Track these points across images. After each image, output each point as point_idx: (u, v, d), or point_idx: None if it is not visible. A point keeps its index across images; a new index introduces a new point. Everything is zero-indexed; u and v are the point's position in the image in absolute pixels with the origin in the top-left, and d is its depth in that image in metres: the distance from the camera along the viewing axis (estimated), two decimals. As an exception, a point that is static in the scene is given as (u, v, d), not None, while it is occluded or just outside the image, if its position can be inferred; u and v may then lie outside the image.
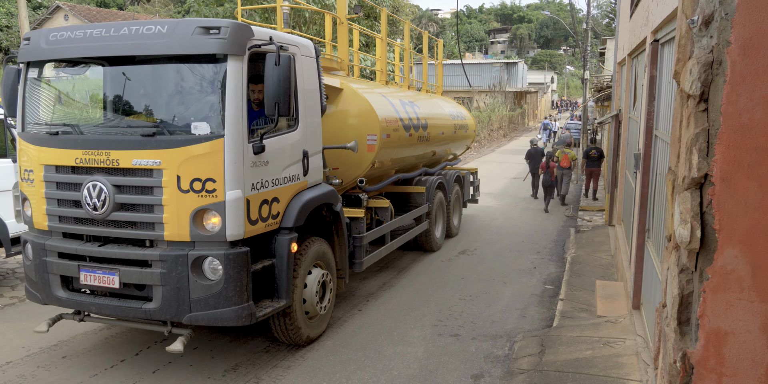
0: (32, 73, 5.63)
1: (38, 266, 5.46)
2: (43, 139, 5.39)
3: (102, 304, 5.29)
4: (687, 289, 2.36)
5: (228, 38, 4.89)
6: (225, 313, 5.00)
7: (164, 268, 4.95)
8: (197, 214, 4.94)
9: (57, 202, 5.37)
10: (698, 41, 2.28)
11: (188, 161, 4.89)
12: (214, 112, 4.99)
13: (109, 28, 5.18)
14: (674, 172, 2.55)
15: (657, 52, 5.77)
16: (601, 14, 54.93)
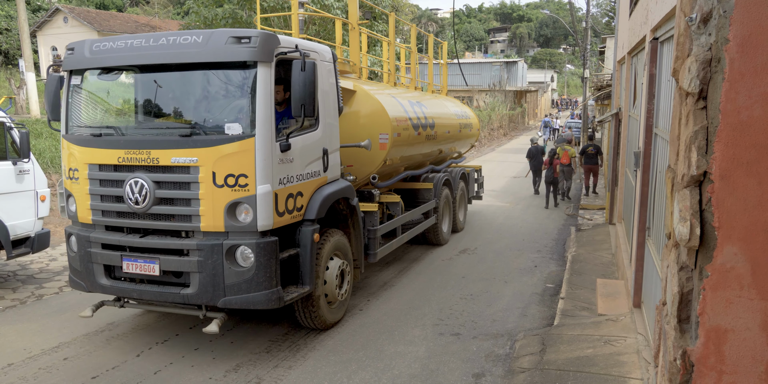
0: (75, 80, 6.10)
1: (83, 257, 5.93)
2: (87, 141, 5.86)
3: (143, 291, 5.74)
4: (687, 286, 2.36)
5: (258, 47, 5.38)
6: (256, 297, 5.47)
7: (201, 257, 5.41)
8: (231, 206, 5.41)
9: (100, 198, 5.83)
10: (697, 39, 2.28)
11: (222, 159, 5.36)
12: (245, 113, 5.45)
13: (148, 38, 5.70)
14: (673, 170, 2.54)
15: (656, 50, 5.76)
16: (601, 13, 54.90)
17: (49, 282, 8.62)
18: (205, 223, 5.44)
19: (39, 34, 38.08)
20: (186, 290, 5.54)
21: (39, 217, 8.22)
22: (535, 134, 31.65)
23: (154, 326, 6.87)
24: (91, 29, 36.02)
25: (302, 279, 6.01)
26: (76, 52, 5.98)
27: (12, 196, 7.78)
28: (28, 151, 7.92)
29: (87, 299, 7.87)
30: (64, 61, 6.10)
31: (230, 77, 5.63)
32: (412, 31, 11.91)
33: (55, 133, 15.36)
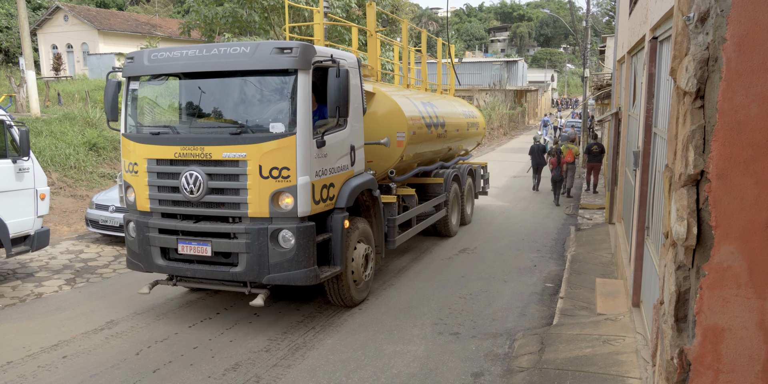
0: (134, 85, 6.93)
1: (141, 241, 6.69)
2: (146, 138, 6.65)
3: (196, 269, 6.49)
4: (684, 285, 2.36)
5: (298, 56, 6.15)
6: (296, 274, 6.21)
7: (249, 239, 6.18)
8: (275, 195, 6.17)
9: (158, 189, 6.59)
10: (694, 38, 2.28)
11: (268, 154, 6.12)
12: (287, 114, 6.22)
13: (201, 49, 6.47)
14: (671, 169, 2.55)
15: (656, 50, 5.76)
16: (601, 12, 54.88)
17: (49, 280, 8.63)
18: (252, 210, 6.21)
19: (39, 33, 38.05)
20: (235, 269, 6.30)
21: (39, 215, 8.22)
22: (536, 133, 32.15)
23: (153, 325, 6.88)
24: (92, 27, 35.99)
25: (334, 260, 6.77)
26: (135, 60, 6.77)
27: (12, 194, 7.79)
28: (28, 149, 7.92)
29: (86, 298, 7.88)
30: (124, 69, 6.88)
31: (274, 83, 6.43)
32: (423, 35, 12.65)
33: (55, 131, 15.37)
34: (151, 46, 30.68)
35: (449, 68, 14.29)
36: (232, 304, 7.57)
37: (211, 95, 6.74)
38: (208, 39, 18.74)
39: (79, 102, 20.62)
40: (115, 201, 10.58)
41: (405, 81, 11.12)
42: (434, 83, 13.23)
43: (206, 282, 6.76)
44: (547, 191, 17.52)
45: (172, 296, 7.92)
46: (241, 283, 6.53)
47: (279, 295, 7.92)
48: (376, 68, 9.57)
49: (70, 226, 11.92)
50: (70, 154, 14.59)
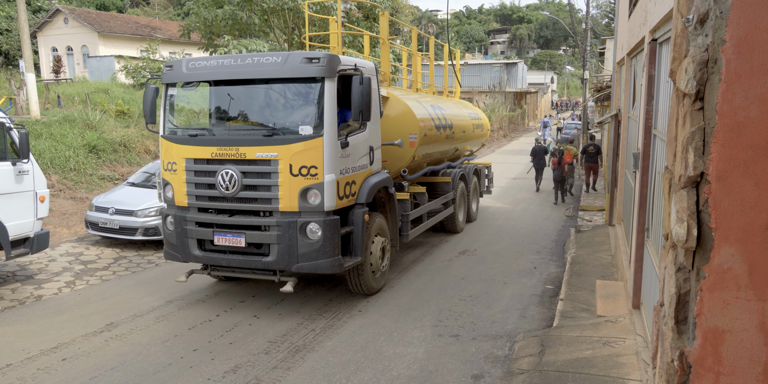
0: (172, 91, 7.51)
1: (179, 233, 7.27)
2: (184, 140, 7.24)
3: (231, 259, 7.06)
4: (684, 287, 2.36)
5: (325, 65, 6.74)
6: (323, 263, 6.81)
7: (280, 231, 6.77)
8: (303, 191, 6.77)
9: (195, 186, 7.16)
10: (693, 40, 2.28)
11: (297, 154, 6.72)
12: (315, 118, 6.82)
13: (236, 58, 7.11)
14: (671, 171, 2.54)
15: (655, 52, 5.76)
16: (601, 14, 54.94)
17: (48, 282, 8.62)
18: (283, 205, 6.81)
19: (39, 35, 38.05)
20: (266, 258, 6.89)
21: (38, 217, 8.22)
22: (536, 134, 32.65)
23: (152, 327, 6.87)
24: (92, 30, 35.99)
25: (355, 251, 7.33)
26: (174, 68, 7.34)
27: (11, 197, 7.78)
28: (28, 151, 7.92)
29: (86, 300, 7.87)
30: (163, 76, 7.45)
31: (303, 89, 7.04)
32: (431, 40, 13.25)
33: (54, 134, 15.38)
34: (151, 49, 30.70)
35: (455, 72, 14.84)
36: (232, 307, 7.56)
37: (244, 100, 7.37)
38: (207, 41, 18.74)
39: (79, 104, 20.63)
40: (115, 203, 10.58)
41: (414, 85, 11.76)
42: (440, 87, 13.68)
43: (238, 271, 7.34)
44: (549, 192, 17.55)
45: (172, 299, 7.91)
46: (271, 272, 7.12)
47: (277, 295, 7.92)
48: (387, 73, 10.06)
49: (70, 228, 11.92)
50: (69, 157, 14.59)
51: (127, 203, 10.54)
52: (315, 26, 19.37)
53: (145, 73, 27.58)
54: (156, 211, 10.40)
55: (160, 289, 8.32)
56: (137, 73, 27.65)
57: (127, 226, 10.33)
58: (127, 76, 28.20)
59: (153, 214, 10.38)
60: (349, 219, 7.31)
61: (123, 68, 28.33)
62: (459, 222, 12.00)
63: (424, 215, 10.10)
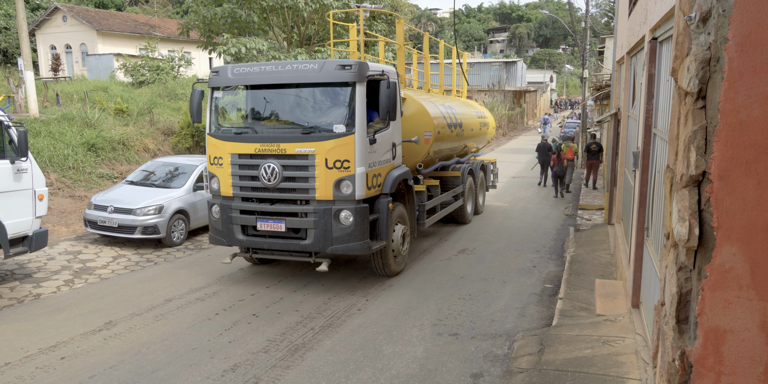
0: (217, 94, 8.36)
1: (224, 220, 8.12)
2: (230, 137, 8.09)
3: (272, 243, 7.95)
4: (685, 287, 2.35)
5: (356, 72, 7.61)
6: (354, 245, 7.67)
7: (316, 218, 7.63)
8: (337, 182, 7.60)
9: (239, 178, 8.01)
10: (696, 38, 2.27)
11: (332, 149, 7.56)
12: (347, 118, 7.66)
13: (277, 65, 7.99)
14: (672, 170, 2.53)
15: (655, 50, 5.75)
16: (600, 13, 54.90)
17: (47, 281, 8.60)
18: (319, 194, 7.64)
19: (38, 33, 37.93)
20: (304, 241, 7.75)
21: (37, 216, 8.19)
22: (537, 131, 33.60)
23: (151, 326, 6.86)
24: (90, 28, 35.90)
25: (380, 236, 8.17)
26: (220, 74, 8.21)
27: (10, 195, 7.76)
28: (26, 149, 7.89)
29: (84, 298, 7.86)
30: (209, 80, 8.32)
31: (336, 93, 7.85)
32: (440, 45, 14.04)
33: (53, 132, 15.35)
34: (150, 47, 30.63)
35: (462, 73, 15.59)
36: (231, 306, 7.56)
37: (284, 102, 8.21)
38: (206, 39, 18.69)
39: (78, 102, 20.59)
40: (113, 202, 10.56)
41: (426, 86, 12.64)
42: (449, 87, 14.49)
43: (277, 253, 8.21)
44: (549, 190, 17.66)
45: (170, 298, 7.90)
46: (307, 254, 7.99)
47: (276, 294, 7.91)
48: (403, 75, 10.71)
49: (69, 226, 11.90)
50: (68, 155, 14.56)
51: (125, 202, 10.52)
52: (314, 24, 19.34)
53: (143, 71, 27.53)
54: (155, 209, 10.39)
55: (159, 288, 8.30)
56: (136, 71, 27.59)
57: (125, 224, 10.32)
58: (126, 74, 28.13)
59: (152, 212, 10.36)
60: (375, 207, 8.15)
61: (122, 66, 28.26)
62: (468, 214, 12.82)
63: (438, 206, 10.98)
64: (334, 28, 18.90)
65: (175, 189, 11.10)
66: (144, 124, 19.22)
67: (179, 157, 13.15)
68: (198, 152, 18.53)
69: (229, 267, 9.38)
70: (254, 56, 16.57)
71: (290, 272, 9.10)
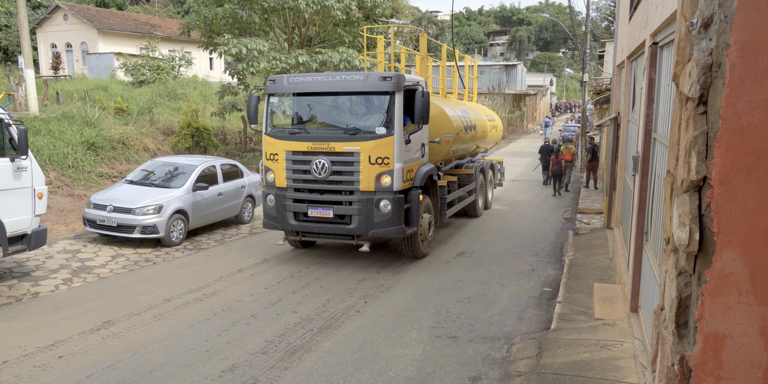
0: (273, 99, 9.69)
1: (279, 208, 9.34)
2: (285, 136, 9.32)
3: (321, 227, 9.18)
4: (685, 292, 2.35)
5: (395, 82, 8.86)
6: (391, 229, 8.96)
7: (360, 206, 8.93)
8: (378, 176, 8.87)
9: (292, 171, 9.24)
10: (697, 44, 2.28)
11: (374, 148, 8.84)
12: (387, 121, 8.92)
13: (327, 76, 9.28)
14: (673, 175, 2.54)
15: (656, 55, 5.77)
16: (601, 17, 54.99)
17: (46, 279, 8.60)
18: (362, 186, 8.92)
19: (39, 31, 37.90)
20: (349, 226, 9.02)
21: (36, 214, 8.19)
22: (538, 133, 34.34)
23: (150, 325, 6.85)
24: (91, 27, 35.88)
25: (412, 222, 9.35)
26: (276, 82, 9.42)
27: (9, 193, 7.75)
28: (26, 148, 7.89)
29: (83, 297, 7.85)
30: (266, 87, 9.57)
31: (378, 100, 9.08)
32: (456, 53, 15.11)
33: (53, 130, 15.36)
34: (150, 46, 30.63)
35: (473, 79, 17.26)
36: (229, 306, 7.56)
37: (332, 107, 9.41)
38: (207, 40, 18.69)
39: (78, 101, 20.58)
40: (113, 201, 10.56)
41: (442, 92, 13.91)
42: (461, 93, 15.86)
43: (324, 236, 9.44)
44: (548, 193, 17.69)
45: (169, 297, 7.90)
46: (350, 237, 9.21)
47: (275, 296, 7.91)
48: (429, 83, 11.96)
49: (68, 225, 11.89)
50: (68, 154, 14.56)
51: (125, 201, 10.52)
52: (315, 26, 19.36)
53: (144, 71, 27.53)
54: (154, 209, 10.39)
55: (158, 288, 8.30)
56: (136, 70, 27.59)
57: (125, 223, 10.31)
58: (126, 73, 28.14)
59: (151, 212, 10.36)
60: (408, 198, 9.31)
61: (122, 65, 28.26)
62: (479, 208, 14.11)
63: (456, 200, 12.10)
64: (335, 30, 18.93)
65: (175, 189, 11.09)
66: (144, 123, 19.23)
67: (179, 156, 13.15)
68: (197, 152, 18.54)
69: (228, 268, 9.38)
70: (255, 57, 16.57)
71: (288, 274, 9.10)
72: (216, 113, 18.01)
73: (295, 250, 10.57)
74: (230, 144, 20.86)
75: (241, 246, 10.97)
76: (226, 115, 18.85)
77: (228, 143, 20.82)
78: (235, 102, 17.89)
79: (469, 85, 16.62)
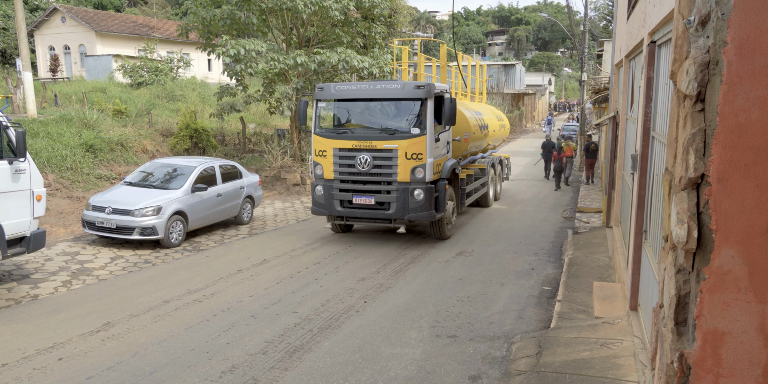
0: (322, 104, 11.35)
1: (327, 196, 10.92)
2: (332, 135, 10.97)
3: (363, 212, 10.79)
4: (684, 289, 2.35)
5: (427, 90, 10.47)
6: (424, 214, 10.57)
7: (397, 194, 10.52)
8: (413, 169, 10.47)
9: (339, 165, 10.83)
10: (695, 41, 2.28)
11: (410, 145, 10.46)
12: (420, 123, 10.53)
13: (368, 84, 10.94)
14: (671, 173, 2.54)
15: (654, 54, 5.77)
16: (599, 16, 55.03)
17: (45, 282, 8.59)
18: (399, 178, 10.52)
19: (36, 34, 37.87)
20: (388, 211, 10.64)
21: (35, 216, 8.18)
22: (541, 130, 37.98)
23: (149, 327, 6.85)
24: (89, 29, 35.86)
25: (440, 208, 10.96)
26: (324, 90, 11.05)
27: (8, 196, 7.75)
28: (25, 150, 7.88)
29: (82, 299, 7.85)
30: (315, 94, 11.19)
31: (413, 105, 10.71)
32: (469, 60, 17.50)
33: (51, 133, 15.35)
34: (148, 48, 30.60)
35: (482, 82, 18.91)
36: (229, 307, 7.55)
37: (374, 111, 11.07)
38: (206, 41, 18.68)
39: (76, 103, 20.56)
40: (112, 203, 10.55)
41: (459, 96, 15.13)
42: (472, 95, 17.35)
43: (365, 220, 11.05)
44: (547, 193, 17.72)
45: (169, 299, 7.89)
46: (389, 221, 10.82)
47: (274, 296, 7.91)
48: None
49: (67, 227, 11.88)
50: (66, 156, 14.55)
51: (124, 203, 10.51)
52: (313, 26, 19.36)
53: (142, 73, 27.51)
54: (153, 210, 10.38)
55: (157, 289, 8.29)
56: (134, 72, 27.57)
57: (124, 225, 10.31)
58: (125, 75, 28.11)
59: (150, 213, 10.35)
60: (437, 188, 10.88)
61: (120, 67, 28.24)
62: (490, 199, 15.60)
63: (472, 190, 13.67)
64: (334, 31, 18.94)
65: (174, 190, 11.09)
66: (142, 125, 19.21)
67: (178, 158, 13.14)
68: (196, 153, 18.53)
69: (227, 269, 9.38)
70: (253, 58, 16.55)
71: (288, 274, 9.09)
72: (214, 114, 17.99)
73: (293, 251, 10.57)
74: (229, 145, 20.85)
75: (241, 247, 10.97)
76: (225, 117, 18.83)
77: (227, 144, 20.82)
78: (233, 103, 17.87)
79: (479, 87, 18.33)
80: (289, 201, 16.30)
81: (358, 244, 11.13)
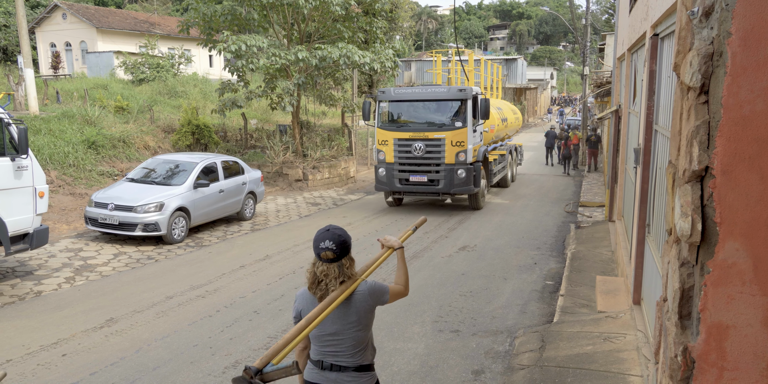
0: (383, 104, 14.26)
1: (388, 176, 13.90)
2: (392, 128, 13.93)
3: (417, 188, 13.81)
4: (688, 282, 2.34)
5: (467, 92, 13.50)
6: (465, 188, 13.50)
7: (445, 173, 13.47)
8: (456, 154, 13.36)
9: (398, 152, 13.77)
10: (698, 33, 2.26)
11: (454, 135, 13.39)
12: (462, 118, 13.48)
13: (421, 88, 14.13)
14: (675, 165, 2.53)
15: (657, 47, 5.73)
16: (601, 10, 54.80)
17: (48, 278, 8.61)
18: (446, 160, 13.41)
19: (38, 31, 37.82)
20: (437, 187, 13.58)
21: (37, 213, 8.19)
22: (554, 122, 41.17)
23: (152, 323, 6.86)
24: (90, 26, 35.80)
25: (477, 184, 13.73)
26: (386, 93, 14.17)
27: (10, 193, 7.76)
28: (27, 147, 7.88)
29: (85, 296, 7.86)
30: (377, 96, 14.24)
31: (456, 104, 13.65)
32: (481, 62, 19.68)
33: (53, 129, 15.35)
34: (149, 45, 30.56)
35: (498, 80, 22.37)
36: (232, 303, 7.56)
37: (426, 109, 14.01)
38: (206, 37, 18.63)
39: (78, 100, 20.56)
40: (114, 199, 10.56)
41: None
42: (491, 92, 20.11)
43: (419, 194, 14.09)
44: (549, 188, 17.73)
45: (172, 295, 7.91)
46: (438, 195, 13.84)
47: (277, 291, 7.91)
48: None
49: (69, 224, 11.90)
50: (68, 152, 14.56)
51: (126, 199, 10.52)
52: (314, 22, 19.30)
53: (144, 69, 27.48)
54: (155, 206, 10.38)
55: (160, 285, 8.31)
56: (136, 68, 27.54)
57: (126, 221, 10.32)
58: (126, 71, 28.09)
59: (152, 210, 10.36)
60: (474, 168, 13.55)
61: (122, 64, 28.21)
62: (508, 181, 18.35)
63: (497, 171, 16.47)
64: (335, 26, 18.89)
65: (176, 186, 11.09)
66: (144, 121, 19.21)
67: (180, 154, 13.14)
68: (198, 149, 18.53)
69: (230, 264, 9.39)
70: (254, 53, 16.52)
71: (290, 269, 9.10)
72: (216, 110, 17.96)
73: (296, 246, 10.57)
74: (231, 141, 20.84)
75: (243, 243, 10.98)
76: (227, 113, 18.80)
77: (228, 140, 20.81)
78: (235, 99, 17.84)
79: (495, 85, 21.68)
80: (292, 197, 16.30)
81: (362, 240, 11.14)
